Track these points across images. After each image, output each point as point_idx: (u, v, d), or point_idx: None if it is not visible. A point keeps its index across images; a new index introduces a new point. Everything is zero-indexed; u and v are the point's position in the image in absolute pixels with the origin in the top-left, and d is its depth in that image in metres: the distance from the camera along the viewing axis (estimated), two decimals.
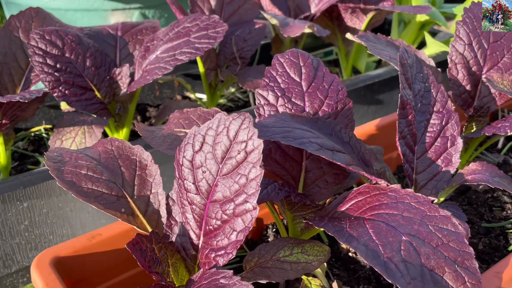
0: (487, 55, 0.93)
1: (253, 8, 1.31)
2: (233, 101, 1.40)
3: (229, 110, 1.36)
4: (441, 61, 1.44)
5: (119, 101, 1.07)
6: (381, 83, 1.36)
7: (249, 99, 1.42)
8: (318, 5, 1.34)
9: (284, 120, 0.68)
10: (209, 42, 0.97)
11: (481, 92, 0.93)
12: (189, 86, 1.32)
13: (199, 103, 1.34)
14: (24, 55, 1.06)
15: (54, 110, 1.24)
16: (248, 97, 1.43)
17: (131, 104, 1.08)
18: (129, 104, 1.08)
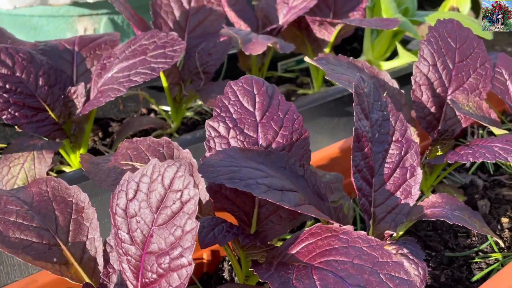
0: (453, 76, 0.90)
1: (219, 19, 1.27)
2: (201, 114, 1.36)
3: (196, 123, 1.32)
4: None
5: (74, 121, 1.02)
6: (351, 95, 1.33)
7: None
8: (286, 16, 1.30)
9: (233, 156, 0.65)
10: (165, 62, 0.93)
11: (447, 114, 0.91)
12: (153, 100, 1.27)
13: (165, 116, 1.30)
14: None
15: (10, 128, 1.19)
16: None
17: (87, 124, 1.03)
18: (85, 124, 1.03)
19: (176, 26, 1.25)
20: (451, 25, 0.92)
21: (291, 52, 1.55)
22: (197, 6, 1.26)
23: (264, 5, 1.35)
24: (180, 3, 1.25)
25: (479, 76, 0.90)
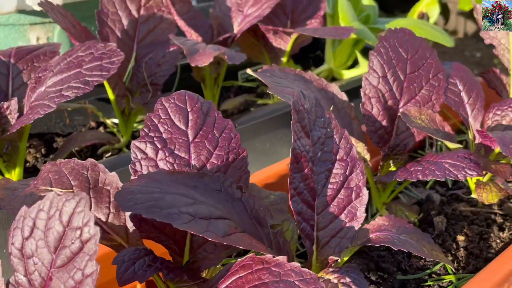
0: (404, 88, 0.86)
1: (170, 28, 1.21)
2: None
3: None
4: None
5: (6, 139, 0.95)
6: None
7: None
8: (241, 24, 1.25)
9: (157, 181, 0.59)
10: (101, 75, 0.87)
11: (399, 128, 0.87)
12: (101, 114, 1.20)
13: (114, 130, 1.23)
14: None
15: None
16: None
17: (21, 142, 0.96)
18: (19, 142, 0.96)
19: (125, 36, 1.19)
20: (403, 35, 0.88)
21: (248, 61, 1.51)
22: (147, 14, 1.20)
23: (219, 13, 1.29)
24: (129, 11, 1.19)
25: (432, 88, 0.86)
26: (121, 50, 1.19)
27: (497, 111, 0.85)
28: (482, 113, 0.90)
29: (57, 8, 1.04)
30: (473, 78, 0.92)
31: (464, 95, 0.90)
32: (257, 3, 1.24)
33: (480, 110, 0.89)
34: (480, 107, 0.89)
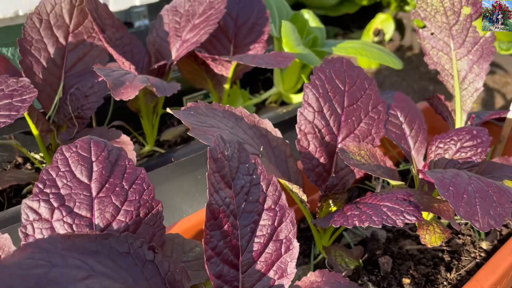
0: (342, 122, 0.80)
1: (102, 56, 1.13)
2: None
3: None
4: None
5: None
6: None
7: None
8: (179, 50, 1.18)
9: (46, 250, 0.50)
10: (9, 116, 0.78)
11: (338, 165, 0.81)
12: (25, 150, 1.10)
13: (40, 166, 1.13)
14: None
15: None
16: None
17: None
18: None
19: (51, 65, 1.10)
20: (339, 65, 0.83)
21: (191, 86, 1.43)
22: (75, 41, 1.11)
23: (156, 38, 1.22)
24: (55, 38, 1.10)
25: (371, 121, 0.81)
26: (47, 80, 1.10)
27: (440, 143, 0.80)
28: (425, 145, 0.85)
29: None
30: (415, 109, 0.87)
31: (406, 127, 0.85)
32: (195, 28, 1.17)
33: (422, 142, 0.85)
34: (423, 139, 0.85)
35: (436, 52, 1.00)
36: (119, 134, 0.99)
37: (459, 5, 0.94)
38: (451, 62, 0.99)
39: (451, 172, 0.68)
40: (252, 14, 1.29)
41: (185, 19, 1.20)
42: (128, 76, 0.95)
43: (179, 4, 1.22)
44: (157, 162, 1.03)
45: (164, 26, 1.22)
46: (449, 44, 0.98)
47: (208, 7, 1.18)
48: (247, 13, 1.29)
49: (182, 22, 1.20)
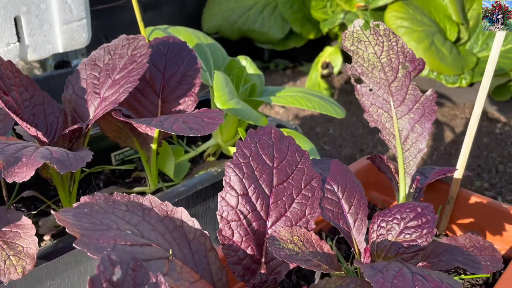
0: (271, 204, 0.70)
1: (5, 121, 0.99)
2: None
3: None
4: None
5: None
6: (206, 189, 1.11)
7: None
8: (97, 109, 1.06)
9: None
10: None
11: (268, 254, 0.70)
12: None
13: None
14: None
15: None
16: None
17: None
18: None
19: None
20: (267, 137, 0.73)
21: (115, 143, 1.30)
22: None
23: (72, 95, 1.09)
24: None
25: (305, 200, 0.71)
26: None
27: (382, 222, 0.71)
28: (366, 222, 0.76)
29: None
30: (353, 180, 0.78)
31: (344, 203, 0.76)
32: (115, 84, 1.05)
33: (363, 220, 0.75)
34: (363, 216, 0.76)
35: (376, 109, 0.92)
36: (19, 217, 0.85)
37: (396, 61, 0.87)
38: (392, 121, 0.91)
39: (393, 268, 0.59)
40: (182, 65, 1.19)
41: (104, 74, 1.08)
42: (26, 150, 0.82)
43: (98, 57, 1.10)
44: (68, 244, 0.89)
45: (81, 82, 1.10)
46: (389, 102, 0.91)
47: (129, 61, 1.07)
48: (176, 64, 1.19)
49: (101, 78, 1.08)
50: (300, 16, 2.73)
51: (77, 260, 0.93)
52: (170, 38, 1.22)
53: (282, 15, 2.73)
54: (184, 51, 1.20)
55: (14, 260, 0.79)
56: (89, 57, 1.11)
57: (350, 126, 2.33)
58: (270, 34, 2.71)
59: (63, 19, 1.44)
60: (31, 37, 1.40)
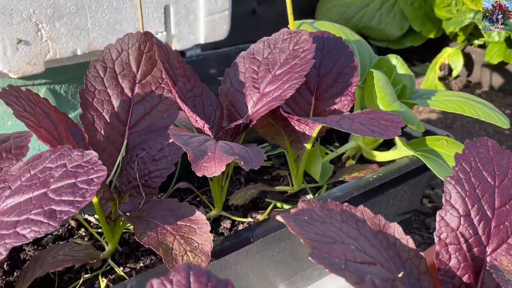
0: (492, 229, 0.62)
1: (171, 110, 0.99)
2: None
3: (138, 244, 1.01)
4: (416, 168, 1.15)
5: None
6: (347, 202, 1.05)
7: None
8: (257, 105, 1.02)
9: None
10: (72, 203, 0.63)
11: (484, 283, 0.62)
12: (80, 217, 0.96)
13: (97, 235, 0.99)
14: None
15: None
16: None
17: None
18: None
19: (114, 119, 0.96)
20: (485, 149, 0.65)
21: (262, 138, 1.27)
22: (142, 92, 0.98)
23: (230, 89, 1.07)
24: (121, 89, 0.97)
25: None
26: (109, 137, 0.96)
27: None
28: None
29: (26, 95, 0.82)
30: None
31: None
32: (276, 80, 1.01)
33: None
34: None
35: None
36: (193, 211, 0.83)
37: None
38: None
39: None
40: (338, 62, 1.13)
41: (264, 68, 1.05)
42: (207, 144, 0.80)
43: (257, 50, 1.07)
44: (234, 244, 0.87)
45: (239, 75, 1.07)
46: None
47: (291, 56, 1.03)
48: (331, 61, 1.13)
49: (260, 72, 1.05)
50: (422, 14, 2.57)
51: (236, 259, 0.91)
52: (325, 33, 1.16)
53: (401, 12, 2.60)
54: (340, 47, 1.14)
55: (191, 256, 0.77)
56: (248, 50, 1.08)
57: (473, 134, 2.16)
58: (388, 31, 2.58)
59: (208, 10, 1.44)
60: (177, 27, 1.41)
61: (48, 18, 1.19)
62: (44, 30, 1.20)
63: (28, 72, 1.23)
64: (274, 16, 2.69)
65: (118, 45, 0.97)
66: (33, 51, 1.21)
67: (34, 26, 1.18)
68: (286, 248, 1.00)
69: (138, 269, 0.93)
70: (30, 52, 1.20)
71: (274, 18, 2.66)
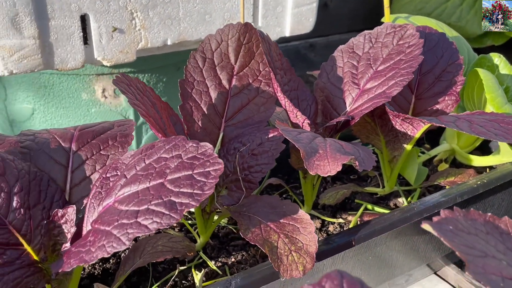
0: None
1: (268, 104, 0.96)
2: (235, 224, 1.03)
3: (230, 236, 1.00)
4: None
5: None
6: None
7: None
8: (356, 101, 0.98)
9: None
10: (193, 196, 0.61)
11: None
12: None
13: (189, 227, 0.98)
14: None
15: None
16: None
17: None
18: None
19: (212, 111, 0.95)
20: None
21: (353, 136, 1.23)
22: (240, 85, 0.96)
23: (326, 83, 1.03)
24: (219, 80, 0.95)
25: None
26: (206, 129, 0.95)
27: None
28: None
29: (135, 84, 0.81)
30: None
31: None
32: (378, 76, 0.96)
33: None
34: None
35: None
36: (295, 210, 0.80)
37: None
38: None
39: None
40: (441, 59, 1.06)
41: (364, 63, 1.00)
42: (316, 141, 0.76)
43: (356, 44, 1.03)
44: (335, 247, 0.83)
45: (337, 70, 1.03)
46: None
47: (395, 52, 0.97)
48: (434, 58, 1.06)
49: (360, 67, 1.00)
50: None
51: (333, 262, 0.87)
52: (426, 28, 1.10)
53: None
54: (443, 43, 1.07)
55: (296, 257, 0.74)
56: (347, 44, 1.04)
57: None
58: (468, 29, 2.44)
59: (296, 2, 1.40)
60: (264, 18, 1.38)
61: (143, 7, 1.19)
62: (138, 19, 1.21)
63: (120, 60, 1.24)
64: (347, 10, 2.61)
65: (218, 35, 0.95)
66: (127, 40, 1.22)
67: (129, 15, 1.19)
68: (380, 253, 0.95)
69: (230, 264, 0.92)
70: (123, 40, 1.21)
71: (347, 12, 2.58)
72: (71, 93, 1.44)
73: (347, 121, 0.94)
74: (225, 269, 0.90)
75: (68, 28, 1.13)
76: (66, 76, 1.41)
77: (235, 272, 0.89)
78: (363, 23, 2.82)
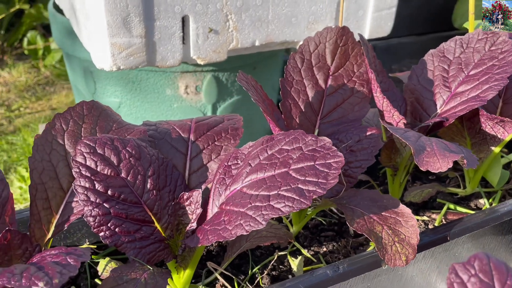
0: None
1: (362, 103, 1.01)
2: (325, 216, 1.09)
3: (320, 228, 1.05)
4: None
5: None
6: None
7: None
8: (447, 104, 1.02)
9: None
10: (318, 184, 0.68)
11: None
12: None
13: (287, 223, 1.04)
14: (67, 170, 0.81)
15: None
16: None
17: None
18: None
19: (308, 109, 1.01)
20: None
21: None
22: (335, 84, 1.02)
23: (417, 86, 1.07)
24: (315, 80, 1.01)
25: None
26: (303, 125, 1.01)
27: None
28: None
29: (251, 81, 0.89)
30: None
31: None
32: (470, 80, 1.00)
33: None
34: None
35: None
36: (396, 203, 0.86)
37: None
38: None
39: None
40: None
41: (455, 68, 1.04)
42: (423, 139, 0.81)
43: (447, 49, 1.06)
44: (433, 239, 0.87)
45: (427, 73, 1.07)
46: None
47: (487, 57, 1.01)
48: None
49: (451, 71, 1.04)
50: None
51: (424, 256, 0.92)
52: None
53: None
54: None
55: (399, 247, 0.79)
56: (437, 48, 1.08)
57: None
58: None
59: (376, 6, 1.44)
60: (345, 22, 1.43)
61: (237, 9, 1.27)
62: (232, 21, 1.29)
63: (213, 59, 1.32)
64: (407, 13, 2.62)
65: (316, 38, 1.02)
66: (220, 40, 1.30)
67: (224, 17, 1.27)
68: (471, 249, 0.99)
69: (323, 253, 0.98)
70: (217, 41, 1.29)
71: (408, 15, 2.59)
72: (157, 88, 1.54)
73: (440, 122, 0.98)
74: (319, 257, 0.96)
75: (170, 28, 1.22)
76: (154, 72, 1.51)
77: (330, 260, 0.95)
78: (423, 27, 2.82)
